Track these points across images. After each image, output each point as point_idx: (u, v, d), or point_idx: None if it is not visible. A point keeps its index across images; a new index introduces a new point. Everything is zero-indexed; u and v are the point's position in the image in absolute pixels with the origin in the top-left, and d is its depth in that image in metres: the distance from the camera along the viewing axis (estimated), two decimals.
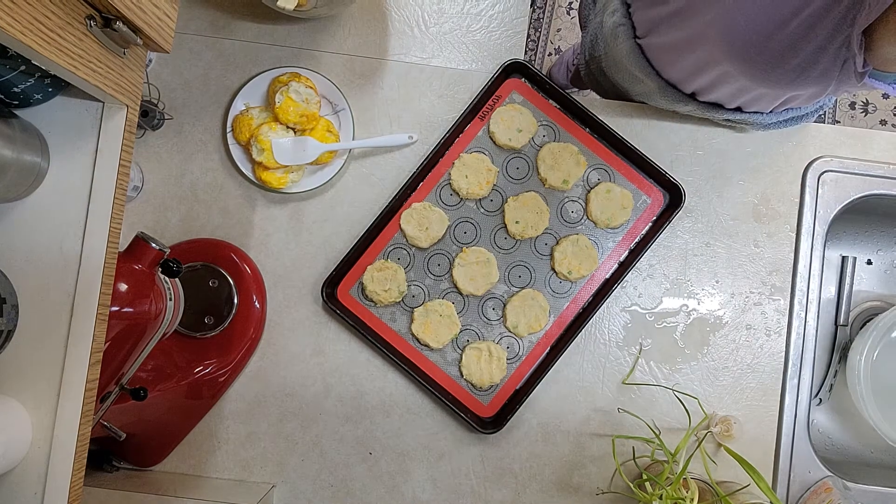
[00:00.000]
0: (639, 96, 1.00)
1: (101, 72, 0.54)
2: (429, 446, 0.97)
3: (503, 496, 0.96)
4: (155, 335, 0.76)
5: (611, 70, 1.01)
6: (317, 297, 0.97)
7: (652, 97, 0.96)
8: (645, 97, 0.98)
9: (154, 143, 0.99)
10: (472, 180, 0.97)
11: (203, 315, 0.95)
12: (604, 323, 0.98)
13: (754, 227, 0.99)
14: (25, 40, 0.44)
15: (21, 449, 0.59)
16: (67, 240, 0.60)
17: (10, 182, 0.58)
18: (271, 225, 0.98)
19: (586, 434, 0.97)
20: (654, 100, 0.96)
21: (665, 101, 0.93)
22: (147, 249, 0.72)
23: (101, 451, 0.94)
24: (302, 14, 0.89)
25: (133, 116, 0.62)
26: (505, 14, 1.02)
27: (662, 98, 0.93)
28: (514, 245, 0.98)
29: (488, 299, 0.97)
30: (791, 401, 0.97)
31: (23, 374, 0.59)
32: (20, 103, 0.60)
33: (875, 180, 0.99)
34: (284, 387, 0.97)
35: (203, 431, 0.96)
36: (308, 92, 0.93)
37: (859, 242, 1.13)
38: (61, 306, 0.59)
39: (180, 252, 0.96)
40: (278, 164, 0.93)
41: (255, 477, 0.96)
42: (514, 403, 0.95)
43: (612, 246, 0.98)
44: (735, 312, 0.98)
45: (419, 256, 0.97)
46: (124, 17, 0.52)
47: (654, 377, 0.98)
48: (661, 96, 0.92)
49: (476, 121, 0.98)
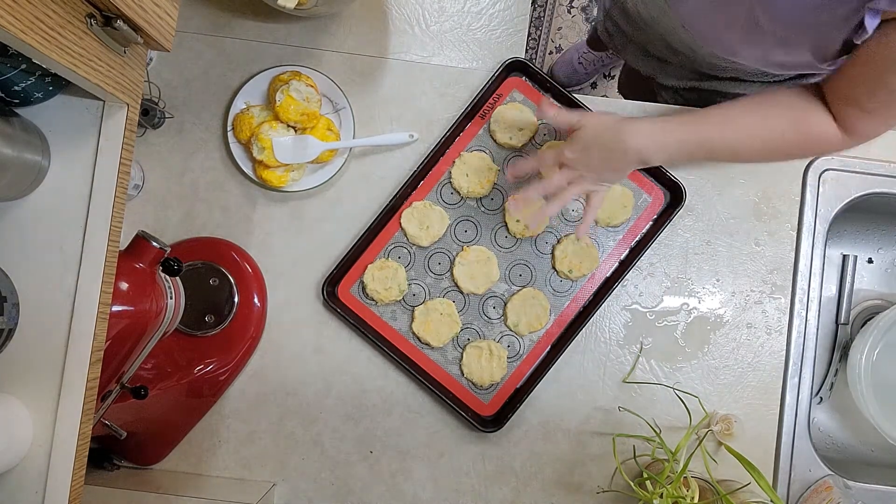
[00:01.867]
0: (659, 39, 0.97)
1: (102, 70, 0.54)
2: (429, 445, 0.97)
3: (504, 494, 0.96)
4: (156, 334, 0.76)
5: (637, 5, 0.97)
6: (317, 296, 0.97)
7: (672, 34, 0.93)
8: (667, 34, 0.95)
9: (155, 142, 0.99)
10: (473, 179, 0.97)
11: (204, 314, 0.95)
12: (604, 322, 0.98)
13: (755, 225, 0.99)
14: (26, 39, 0.44)
15: (22, 447, 0.59)
16: (68, 238, 0.60)
17: (11, 181, 0.58)
18: (272, 223, 0.98)
19: (587, 432, 0.97)
20: (673, 38, 0.93)
21: (682, 41, 0.91)
22: (148, 248, 0.72)
23: (101, 449, 0.95)
24: (302, 12, 0.89)
25: (134, 115, 0.62)
26: (506, 12, 1.02)
27: (685, 34, 0.90)
28: (515, 244, 0.98)
29: (489, 298, 0.97)
30: (792, 399, 0.97)
31: (24, 372, 0.60)
32: (21, 102, 0.60)
33: (876, 179, 0.99)
34: (285, 385, 0.97)
35: (204, 430, 0.97)
36: (309, 90, 0.93)
37: (860, 241, 1.13)
38: (62, 305, 0.59)
39: (181, 251, 0.96)
40: (279, 163, 0.93)
41: (255, 475, 0.96)
42: (514, 402, 0.95)
43: (613, 245, 0.98)
44: (736, 311, 0.98)
45: (420, 255, 0.97)
46: (125, 15, 0.52)
47: (654, 376, 0.98)
48: (683, 32, 0.90)
49: (477, 119, 0.98)
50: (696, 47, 0.91)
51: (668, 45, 0.96)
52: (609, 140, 0.79)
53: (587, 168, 0.81)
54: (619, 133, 0.78)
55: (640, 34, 1.00)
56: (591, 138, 0.79)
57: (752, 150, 0.79)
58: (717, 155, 0.81)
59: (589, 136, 0.79)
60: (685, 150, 0.79)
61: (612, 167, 0.81)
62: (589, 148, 0.79)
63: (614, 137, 0.78)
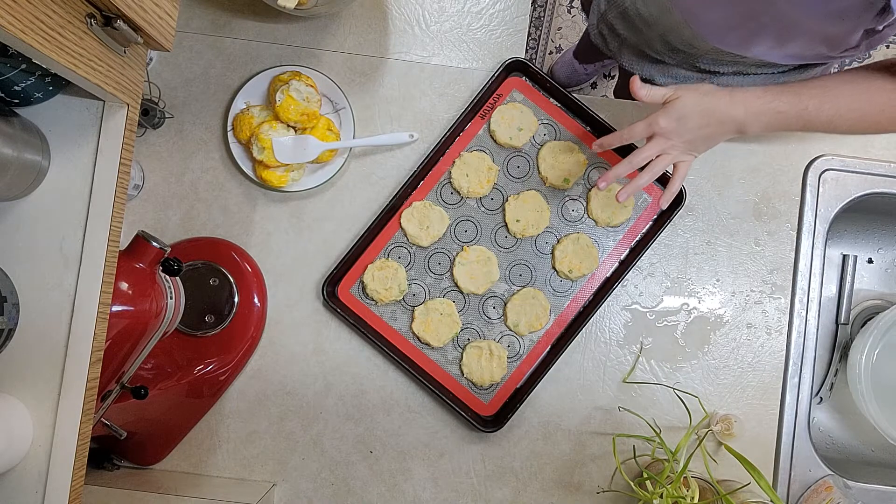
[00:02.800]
0: (658, 39, 0.98)
1: (102, 70, 0.54)
2: (429, 445, 0.97)
3: (504, 495, 0.96)
4: (156, 334, 0.76)
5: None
6: (317, 296, 0.97)
7: (673, 32, 0.94)
8: (667, 33, 0.95)
9: (155, 142, 0.99)
10: (473, 179, 0.97)
11: (204, 314, 0.95)
12: (604, 321, 0.98)
13: (755, 225, 0.99)
14: (26, 39, 0.44)
15: (22, 447, 0.59)
16: (68, 238, 0.60)
17: (11, 181, 0.58)
18: (272, 223, 0.98)
19: (587, 433, 0.97)
20: (674, 36, 0.94)
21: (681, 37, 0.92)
22: (148, 248, 0.72)
23: (101, 449, 0.95)
24: (302, 12, 0.89)
25: (134, 115, 0.62)
26: (506, 12, 1.02)
27: (688, 31, 0.91)
28: (515, 244, 0.98)
29: (489, 298, 0.97)
30: (792, 399, 0.97)
31: (24, 372, 0.60)
32: (21, 102, 0.60)
33: (876, 179, 0.99)
34: (285, 385, 0.97)
35: (204, 430, 0.97)
36: (309, 90, 0.93)
37: (860, 241, 1.13)
38: (62, 305, 0.59)
39: (181, 251, 0.96)
40: (279, 163, 0.93)
41: (255, 475, 0.96)
42: (514, 402, 0.95)
43: (613, 244, 0.98)
44: (736, 311, 0.98)
45: (420, 255, 0.97)
46: (125, 15, 0.52)
47: (654, 376, 0.98)
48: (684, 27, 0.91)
49: (477, 119, 0.98)
50: (698, 44, 0.91)
51: (667, 44, 0.96)
52: (707, 108, 0.79)
53: (680, 137, 0.81)
54: (720, 102, 0.79)
55: (638, 35, 1.00)
56: (690, 107, 0.79)
57: (849, 122, 0.79)
58: (813, 126, 0.81)
59: (687, 105, 0.79)
60: (782, 121, 0.79)
61: (706, 135, 0.81)
62: (686, 117, 0.80)
63: (713, 106, 0.79)
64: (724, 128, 0.80)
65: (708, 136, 0.81)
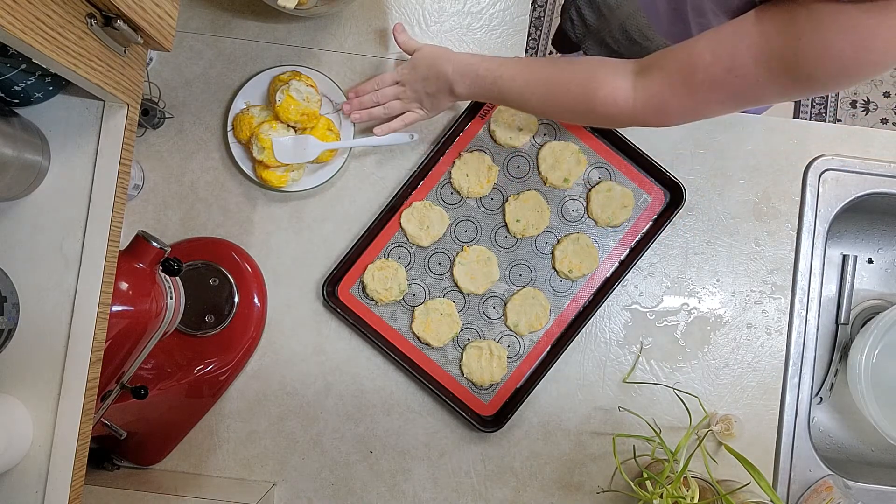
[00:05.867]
0: (618, 27, 0.98)
1: (102, 70, 0.54)
2: (429, 445, 0.97)
3: (504, 494, 0.96)
4: (156, 334, 0.76)
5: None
6: (317, 296, 0.97)
7: (630, 20, 0.94)
8: (626, 20, 0.95)
9: (155, 142, 0.99)
10: (473, 179, 0.97)
11: (204, 314, 0.95)
12: (604, 321, 0.98)
13: (755, 225, 0.99)
14: (26, 39, 0.44)
15: (22, 447, 0.59)
16: (68, 238, 0.60)
17: (11, 181, 0.58)
18: (272, 223, 0.98)
19: (587, 432, 0.97)
20: (630, 24, 0.94)
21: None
22: (148, 248, 0.72)
23: (101, 449, 0.95)
24: (302, 12, 0.89)
25: (134, 115, 0.62)
26: (506, 13, 1.02)
27: (642, 19, 0.91)
28: (515, 244, 0.98)
29: (489, 298, 0.97)
30: (792, 399, 0.97)
31: (24, 372, 0.60)
32: (21, 102, 0.60)
33: (876, 179, 0.99)
34: (285, 385, 0.97)
35: (203, 430, 0.97)
36: (309, 90, 0.93)
37: (860, 241, 1.13)
38: (62, 305, 0.59)
39: (181, 251, 0.96)
40: (279, 163, 0.93)
41: (255, 475, 0.96)
42: (514, 402, 0.95)
43: (613, 245, 0.98)
44: (736, 311, 0.98)
45: (420, 255, 0.97)
46: (125, 15, 0.52)
47: (654, 376, 0.98)
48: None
49: (476, 119, 0.98)
50: (651, 35, 0.92)
51: (625, 34, 0.97)
52: (433, 61, 0.86)
53: (412, 87, 0.89)
54: (441, 58, 0.85)
55: (602, 22, 1.01)
56: (422, 58, 0.87)
57: (536, 97, 0.80)
58: (507, 97, 0.82)
59: (423, 56, 0.88)
60: (481, 85, 0.83)
61: (431, 90, 0.88)
62: (417, 67, 0.88)
63: (436, 61, 0.86)
64: (440, 83, 0.86)
65: (432, 92, 0.88)
